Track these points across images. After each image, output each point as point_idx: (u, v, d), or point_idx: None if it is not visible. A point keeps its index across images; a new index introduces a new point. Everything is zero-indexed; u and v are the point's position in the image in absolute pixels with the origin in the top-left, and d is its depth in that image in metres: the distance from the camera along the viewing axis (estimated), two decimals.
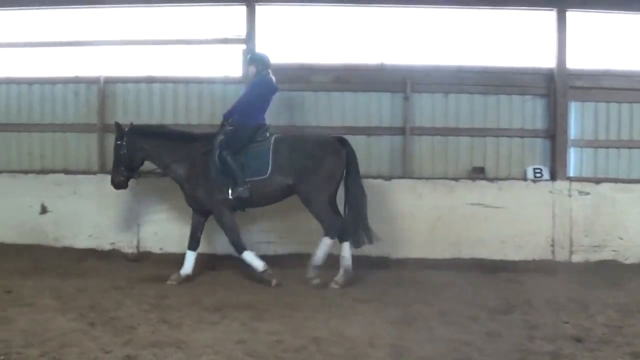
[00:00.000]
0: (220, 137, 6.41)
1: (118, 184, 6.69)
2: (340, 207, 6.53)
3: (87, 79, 8.11)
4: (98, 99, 8.10)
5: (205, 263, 7.08)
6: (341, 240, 6.35)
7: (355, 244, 6.37)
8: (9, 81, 8.30)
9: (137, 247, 7.74)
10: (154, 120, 7.91)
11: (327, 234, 6.28)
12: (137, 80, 8.10)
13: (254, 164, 6.31)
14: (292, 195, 6.49)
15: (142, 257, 7.58)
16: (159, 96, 8.07)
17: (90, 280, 6.40)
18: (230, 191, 6.29)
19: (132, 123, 6.78)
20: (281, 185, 6.36)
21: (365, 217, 6.41)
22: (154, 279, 6.44)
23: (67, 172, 7.99)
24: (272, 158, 6.31)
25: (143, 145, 6.60)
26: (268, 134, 6.53)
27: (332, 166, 6.34)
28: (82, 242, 7.76)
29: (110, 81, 8.12)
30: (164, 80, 8.07)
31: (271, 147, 6.35)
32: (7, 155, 8.33)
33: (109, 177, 6.78)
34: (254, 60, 6.67)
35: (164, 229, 7.64)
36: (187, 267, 6.49)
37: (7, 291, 5.77)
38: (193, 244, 6.58)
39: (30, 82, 8.24)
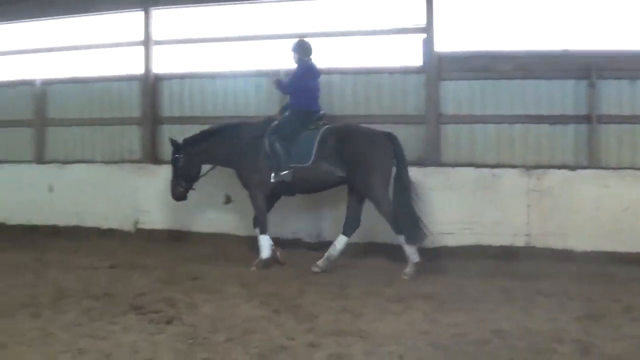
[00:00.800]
0: (275, 123, 6.63)
1: (178, 196, 7.02)
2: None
3: (267, 72, 8.25)
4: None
5: (386, 254, 7.10)
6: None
7: (414, 240, 6.29)
8: (193, 76, 8.68)
9: (318, 236, 7.88)
10: (335, 112, 7.93)
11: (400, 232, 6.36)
12: None
13: (299, 150, 6.43)
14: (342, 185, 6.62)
15: (323, 247, 7.56)
16: (338, 88, 8.12)
17: (273, 269, 6.63)
18: (273, 174, 6.45)
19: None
20: (327, 174, 6.43)
21: (416, 212, 6.37)
22: (334, 268, 6.57)
23: None
24: (317, 147, 6.40)
25: (199, 150, 6.91)
26: (321, 123, 6.63)
27: (384, 160, 6.37)
28: None
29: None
30: (343, 72, 8.15)
31: (319, 136, 6.43)
32: None
33: None
34: (295, 48, 6.84)
35: (343, 219, 7.73)
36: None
37: (193, 278, 6.01)
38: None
39: (214, 77, 8.57)
